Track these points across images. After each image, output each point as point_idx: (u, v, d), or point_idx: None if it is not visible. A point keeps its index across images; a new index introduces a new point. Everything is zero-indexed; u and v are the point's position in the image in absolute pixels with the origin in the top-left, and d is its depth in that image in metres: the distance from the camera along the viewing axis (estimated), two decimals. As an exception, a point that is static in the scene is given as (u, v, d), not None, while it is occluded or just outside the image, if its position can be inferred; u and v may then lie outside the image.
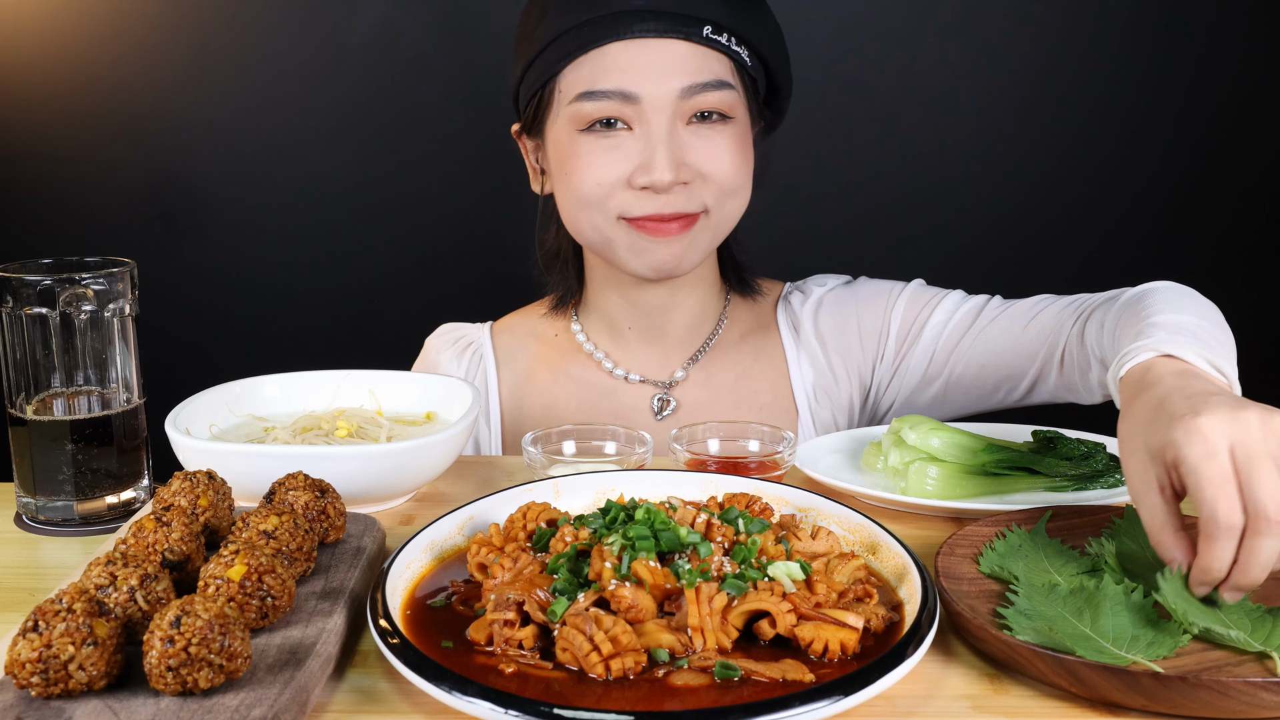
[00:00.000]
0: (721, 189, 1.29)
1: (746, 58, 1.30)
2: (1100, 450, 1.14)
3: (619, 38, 1.25)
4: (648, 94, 1.25)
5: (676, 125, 1.27)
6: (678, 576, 0.81)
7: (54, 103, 2.36)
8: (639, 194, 1.28)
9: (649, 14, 1.25)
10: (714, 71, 1.27)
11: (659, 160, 1.25)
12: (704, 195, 1.29)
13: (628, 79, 1.25)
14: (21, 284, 1.07)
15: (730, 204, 1.32)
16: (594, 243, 1.35)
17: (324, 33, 2.35)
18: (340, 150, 2.41)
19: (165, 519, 0.86)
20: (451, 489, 1.17)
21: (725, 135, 1.29)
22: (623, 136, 1.28)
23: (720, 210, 1.31)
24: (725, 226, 1.34)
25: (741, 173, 1.31)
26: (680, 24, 1.25)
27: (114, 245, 1.39)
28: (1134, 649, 0.79)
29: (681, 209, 1.28)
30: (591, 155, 1.28)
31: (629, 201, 1.28)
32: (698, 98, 1.26)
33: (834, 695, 0.70)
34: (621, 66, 1.26)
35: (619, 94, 1.26)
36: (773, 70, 1.35)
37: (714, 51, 1.27)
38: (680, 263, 1.31)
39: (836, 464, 1.20)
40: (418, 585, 0.88)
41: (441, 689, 0.71)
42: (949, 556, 0.92)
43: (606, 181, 1.28)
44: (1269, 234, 2.39)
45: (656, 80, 1.25)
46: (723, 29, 1.27)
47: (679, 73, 1.25)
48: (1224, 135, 2.35)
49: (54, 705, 0.70)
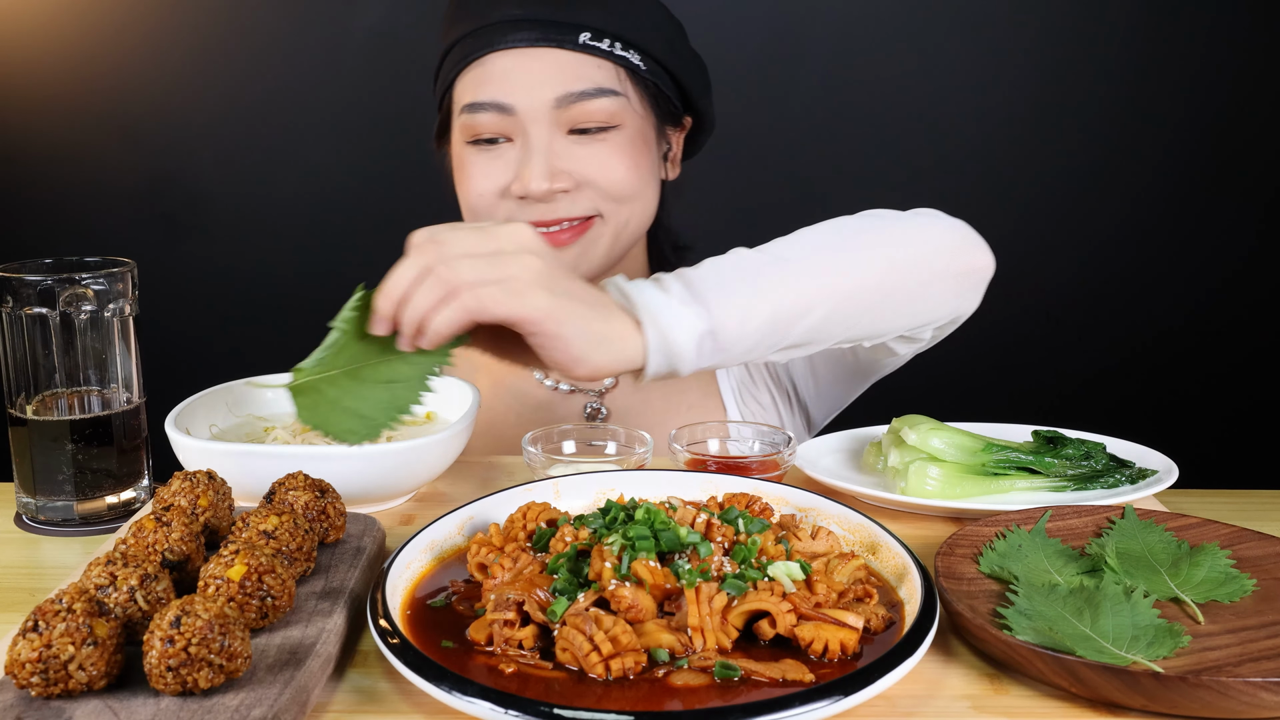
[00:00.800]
0: (610, 194, 1.27)
1: (638, 61, 1.27)
2: (1100, 450, 1.14)
3: (495, 48, 1.24)
4: (522, 104, 1.24)
5: (555, 135, 1.25)
6: (678, 576, 0.81)
7: (54, 103, 2.36)
8: (520, 204, 1.27)
9: (525, 23, 1.23)
10: (593, 79, 1.25)
11: (533, 170, 1.24)
12: (593, 201, 1.27)
13: (503, 90, 1.24)
14: (21, 284, 1.07)
15: (625, 209, 1.29)
16: None
17: (324, 33, 2.35)
18: (340, 150, 2.41)
19: (165, 519, 0.86)
20: (451, 489, 1.17)
21: (609, 143, 1.26)
22: (504, 148, 1.27)
23: (616, 215, 1.29)
24: (625, 232, 1.32)
25: (632, 179, 1.28)
26: (555, 31, 1.23)
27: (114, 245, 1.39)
28: (1134, 649, 0.79)
29: (566, 214, 1.27)
30: (475, 166, 1.28)
31: (513, 211, 1.27)
32: (576, 107, 1.24)
33: (834, 695, 0.70)
34: (498, 77, 1.25)
35: (495, 105, 1.25)
36: (674, 72, 1.31)
37: (595, 58, 1.25)
38: (577, 270, 1.30)
39: (836, 464, 1.20)
40: (418, 585, 0.88)
41: (441, 689, 0.71)
42: (949, 556, 0.92)
43: (488, 193, 1.28)
44: (1269, 233, 2.38)
45: (530, 90, 1.24)
46: (604, 35, 1.24)
47: (553, 82, 1.24)
48: (1224, 135, 2.34)
49: (54, 705, 0.70)
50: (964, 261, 1.13)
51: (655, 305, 0.97)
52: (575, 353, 0.93)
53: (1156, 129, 2.35)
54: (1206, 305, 2.41)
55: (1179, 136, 2.35)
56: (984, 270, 1.15)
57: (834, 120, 2.36)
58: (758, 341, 1.00)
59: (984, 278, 1.16)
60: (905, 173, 2.38)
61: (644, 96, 1.30)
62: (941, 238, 1.13)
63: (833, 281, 1.03)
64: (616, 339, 0.95)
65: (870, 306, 1.06)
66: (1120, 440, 1.19)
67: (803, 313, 1.01)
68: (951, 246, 1.13)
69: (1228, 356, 2.42)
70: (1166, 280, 2.42)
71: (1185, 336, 2.43)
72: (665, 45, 1.30)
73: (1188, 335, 2.41)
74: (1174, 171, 2.37)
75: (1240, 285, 2.40)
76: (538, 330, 0.92)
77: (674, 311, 0.97)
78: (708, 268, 1.01)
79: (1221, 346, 2.42)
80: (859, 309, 1.05)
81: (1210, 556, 0.92)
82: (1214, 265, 2.39)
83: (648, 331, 0.96)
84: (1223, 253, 2.40)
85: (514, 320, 0.92)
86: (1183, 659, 0.79)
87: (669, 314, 0.97)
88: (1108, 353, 2.46)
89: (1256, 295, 2.39)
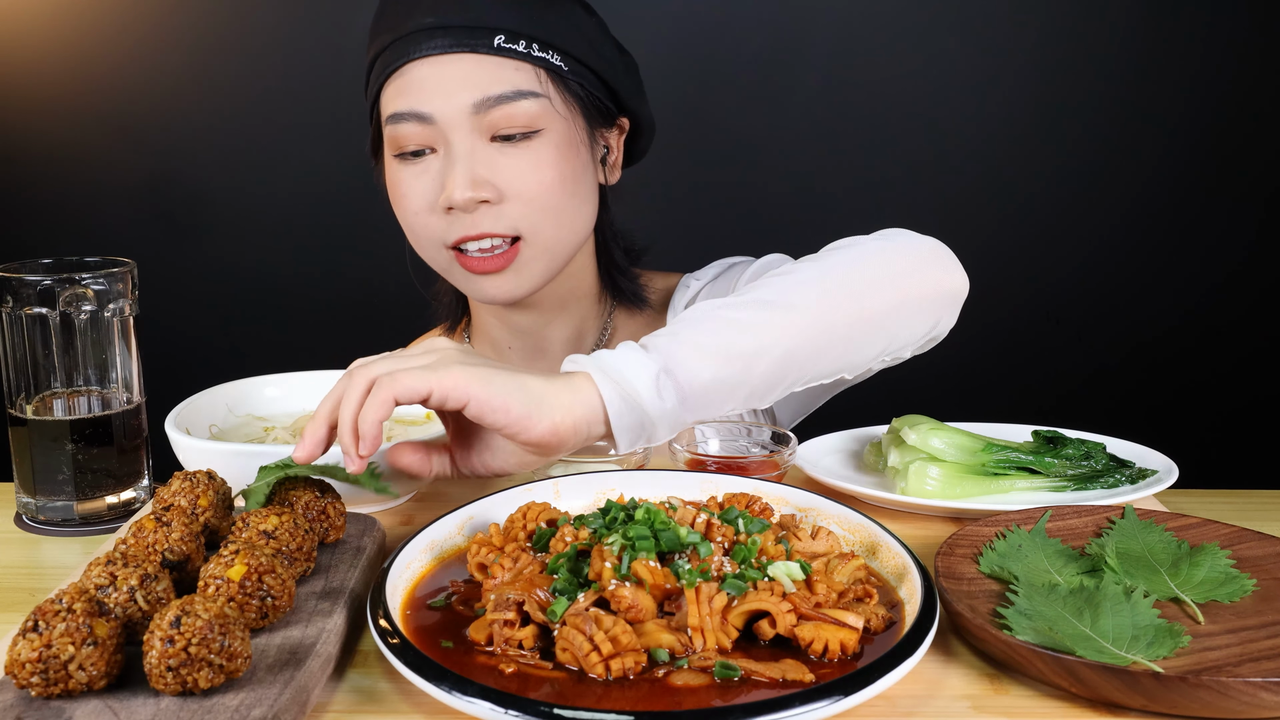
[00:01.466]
0: (533, 209, 1.23)
1: (559, 62, 1.24)
2: (1100, 450, 1.14)
3: (412, 57, 1.22)
4: (439, 112, 1.21)
5: (477, 142, 1.22)
6: (678, 576, 0.81)
7: (54, 103, 2.36)
8: (448, 217, 1.24)
9: (438, 30, 1.21)
10: (511, 82, 1.21)
11: (456, 178, 1.21)
12: (513, 216, 1.23)
13: (420, 99, 1.22)
14: (21, 284, 1.07)
15: (549, 225, 1.25)
16: (440, 273, 1.33)
17: (324, 33, 2.35)
18: (340, 150, 2.41)
19: (165, 519, 0.86)
20: (451, 489, 1.17)
21: (533, 150, 1.23)
22: (429, 160, 1.24)
23: (540, 233, 1.25)
24: (558, 248, 1.28)
25: (557, 189, 1.24)
26: (468, 36, 1.21)
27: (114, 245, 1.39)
28: (1134, 649, 0.79)
29: (491, 229, 1.23)
30: (405, 184, 1.26)
31: (443, 226, 1.25)
32: (496, 111, 1.21)
33: (834, 695, 0.70)
34: (416, 87, 1.22)
35: (414, 115, 1.22)
36: (598, 70, 1.28)
37: (512, 60, 1.22)
38: (513, 293, 1.28)
39: (836, 464, 1.20)
40: (418, 585, 0.88)
41: (441, 689, 0.71)
42: (949, 556, 0.92)
43: (420, 209, 1.25)
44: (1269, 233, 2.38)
45: (446, 97, 1.21)
46: (519, 36, 1.21)
47: (469, 87, 1.21)
48: (1224, 135, 2.35)
49: (54, 705, 0.70)
50: (932, 284, 1.10)
51: (601, 356, 0.96)
52: (518, 411, 0.89)
53: (1156, 129, 2.35)
54: (1206, 305, 2.41)
55: (1179, 136, 2.35)
56: (956, 290, 1.13)
57: (834, 120, 2.37)
58: (719, 382, 0.97)
59: (956, 297, 1.13)
60: (905, 173, 2.39)
61: (568, 98, 1.26)
62: (906, 261, 1.10)
63: (789, 317, 1.01)
64: (565, 392, 0.93)
65: (837, 339, 1.04)
66: (1120, 440, 1.19)
67: (760, 350, 0.99)
68: (917, 269, 1.10)
69: (1228, 356, 2.42)
70: (1166, 280, 2.42)
71: (1185, 336, 2.43)
72: (586, 44, 1.27)
73: (1187, 335, 2.41)
74: (1174, 171, 2.37)
75: (1240, 285, 2.40)
76: (465, 398, 0.89)
77: (622, 357, 0.95)
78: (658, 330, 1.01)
79: (1221, 346, 2.42)
80: (825, 343, 1.03)
81: (1210, 556, 0.92)
82: (1214, 265, 2.39)
83: (596, 377, 0.94)
84: (1222, 252, 2.40)
85: (437, 396, 0.89)
86: (1183, 659, 0.79)
87: (616, 360, 0.95)
88: (1107, 353, 2.46)
89: (1256, 295, 2.39)
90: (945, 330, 1.15)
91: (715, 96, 2.34)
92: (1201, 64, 2.32)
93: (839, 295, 1.04)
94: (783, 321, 1.01)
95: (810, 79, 2.38)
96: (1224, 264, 2.39)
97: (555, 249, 1.28)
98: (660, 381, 0.95)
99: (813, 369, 1.04)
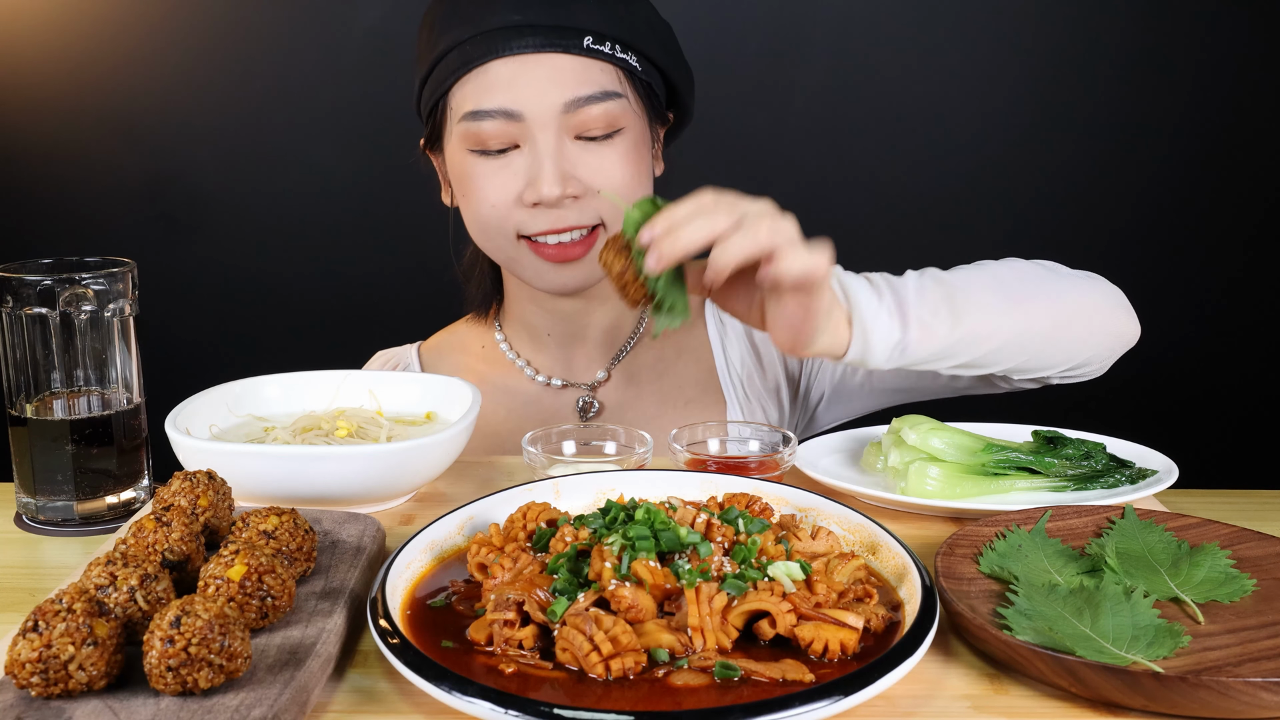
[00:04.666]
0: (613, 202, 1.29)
1: (635, 63, 1.28)
2: (1100, 450, 1.14)
3: (498, 55, 1.24)
4: (530, 110, 1.24)
5: (564, 140, 1.26)
6: (678, 576, 0.81)
7: (54, 103, 2.36)
8: (532, 211, 1.28)
9: (527, 29, 1.23)
10: (598, 83, 1.25)
11: (545, 175, 1.24)
12: (597, 208, 1.29)
13: (510, 96, 1.24)
14: (21, 284, 1.07)
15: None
16: (501, 261, 1.37)
17: (324, 33, 2.35)
18: (340, 150, 2.41)
19: (165, 519, 0.86)
20: (451, 489, 1.17)
21: (615, 148, 1.28)
22: (512, 155, 1.27)
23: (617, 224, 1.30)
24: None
25: (635, 184, 1.29)
26: (559, 37, 1.24)
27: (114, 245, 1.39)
28: (1134, 649, 0.79)
29: (575, 223, 1.28)
30: (484, 177, 1.28)
31: (524, 219, 1.28)
32: (583, 110, 1.25)
33: (834, 695, 0.70)
34: (503, 84, 1.24)
35: (502, 112, 1.25)
36: (665, 70, 1.33)
37: (598, 62, 1.26)
38: (584, 282, 1.33)
39: (836, 464, 1.20)
40: (418, 585, 0.88)
41: (441, 689, 0.71)
42: (949, 556, 0.92)
43: (501, 203, 1.28)
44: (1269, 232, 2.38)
45: (538, 96, 1.24)
46: (605, 38, 1.25)
47: (561, 86, 1.24)
48: (1225, 136, 2.35)
49: (54, 705, 0.70)
50: (1117, 324, 1.22)
51: (867, 312, 1.05)
52: (811, 327, 1.00)
53: (1158, 131, 2.35)
54: (1206, 305, 2.41)
55: (1181, 138, 2.35)
56: (1130, 337, 1.23)
57: (834, 120, 2.37)
58: (936, 356, 1.09)
59: (1127, 343, 1.24)
60: (905, 173, 2.39)
61: (640, 97, 1.31)
62: (1104, 299, 1.21)
63: (1014, 317, 1.12)
64: (833, 329, 1.03)
65: (1036, 345, 1.15)
66: (1120, 440, 1.19)
67: (983, 339, 1.10)
68: (1110, 308, 1.21)
69: (1228, 356, 2.42)
70: (1166, 280, 2.42)
71: (1185, 336, 2.43)
72: (659, 46, 1.32)
73: (1188, 335, 2.41)
74: (1176, 172, 2.37)
75: (1240, 285, 2.40)
76: (811, 287, 0.97)
77: (880, 320, 1.05)
78: (913, 281, 1.10)
79: (1221, 346, 2.42)
80: (1026, 346, 1.14)
81: (1210, 556, 0.92)
82: (1214, 265, 2.39)
83: (855, 330, 1.05)
84: (1223, 252, 2.40)
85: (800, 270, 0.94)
86: (1183, 659, 0.79)
87: (876, 322, 1.05)
88: (1108, 353, 2.46)
89: (1257, 295, 2.39)
90: (1100, 371, 1.25)
91: (717, 96, 2.34)
92: (1210, 66, 2.31)
93: (1054, 309, 1.16)
94: (1010, 320, 1.12)
95: (810, 79, 2.38)
96: (1225, 264, 2.39)
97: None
98: (893, 352, 1.07)
99: (1003, 363, 1.15)
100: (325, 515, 0.99)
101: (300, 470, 1.04)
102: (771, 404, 1.46)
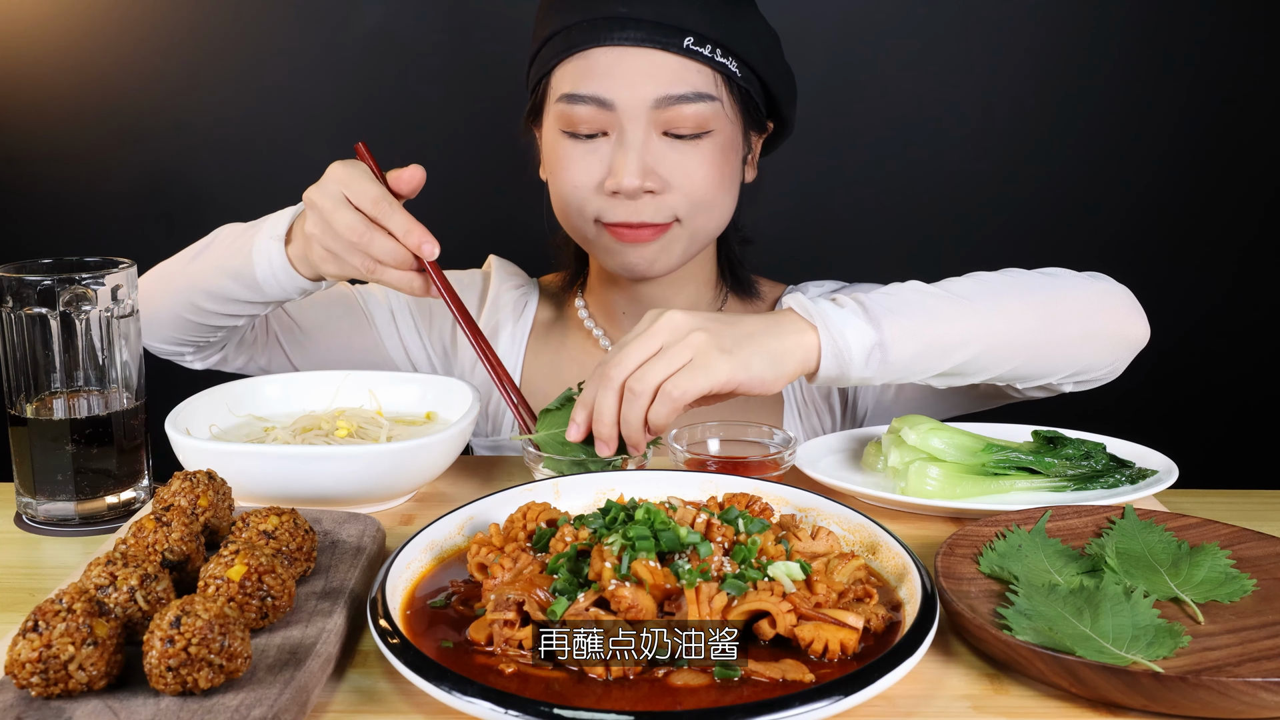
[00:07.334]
0: (692, 202, 1.30)
1: (735, 69, 1.29)
2: (1100, 450, 1.14)
3: (600, 43, 1.26)
4: (622, 101, 1.26)
5: (651, 134, 1.28)
6: (678, 576, 0.81)
7: (54, 103, 2.36)
8: (611, 199, 1.30)
9: (631, 22, 1.25)
10: (692, 84, 1.27)
11: (628, 166, 1.26)
12: (675, 206, 1.30)
13: (605, 85, 1.26)
14: (21, 284, 1.07)
15: (702, 216, 1.33)
16: (579, 240, 1.39)
17: (324, 33, 2.35)
18: (341, 150, 2.40)
19: (165, 519, 0.86)
20: (451, 489, 1.17)
21: (700, 149, 1.29)
22: (600, 142, 1.30)
23: (692, 221, 1.32)
24: (701, 235, 1.35)
25: (716, 187, 1.31)
26: (660, 34, 1.25)
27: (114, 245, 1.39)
28: (1134, 649, 0.79)
29: (650, 219, 1.29)
30: (571, 159, 1.31)
31: (603, 206, 1.30)
32: (673, 109, 1.26)
33: (834, 695, 0.70)
34: (600, 72, 1.27)
35: (595, 99, 1.27)
36: (766, 80, 1.34)
37: (695, 63, 1.27)
38: (652, 267, 1.34)
39: (836, 464, 1.20)
40: (418, 585, 0.88)
41: (441, 689, 0.71)
42: (949, 556, 0.92)
43: (583, 186, 1.31)
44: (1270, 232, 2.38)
45: (631, 88, 1.26)
46: (706, 40, 1.27)
47: (654, 83, 1.26)
48: (1225, 136, 2.35)
49: (54, 705, 0.70)
50: (1122, 325, 1.20)
51: (831, 316, 1.07)
52: (765, 379, 1.04)
53: (1158, 129, 2.34)
54: (1206, 305, 2.41)
55: (1181, 137, 2.35)
56: (1138, 338, 1.22)
57: (833, 119, 2.36)
58: (917, 360, 1.09)
59: (1136, 346, 1.22)
60: (905, 173, 2.39)
61: (735, 103, 1.32)
62: (1105, 299, 1.20)
63: (995, 321, 1.12)
64: (793, 349, 1.06)
65: (1026, 350, 1.14)
66: (1120, 440, 1.19)
67: (962, 344, 1.10)
68: (1112, 309, 1.20)
69: (1227, 356, 2.42)
70: (1166, 280, 2.42)
71: (1186, 337, 2.43)
72: (761, 54, 1.33)
73: (1188, 335, 2.41)
74: (1176, 172, 2.37)
75: (1241, 285, 2.40)
76: (734, 387, 1.04)
77: (848, 322, 1.07)
78: (879, 294, 1.11)
79: (1221, 346, 2.42)
80: (1015, 350, 1.13)
81: (1210, 556, 0.92)
82: (1214, 265, 2.39)
83: (822, 335, 1.07)
84: (1223, 252, 2.40)
85: (711, 390, 1.03)
86: (1183, 659, 0.79)
87: (843, 323, 1.07)
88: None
89: (1257, 295, 2.39)
90: (1114, 375, 1.24)
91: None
92: (1211, 64, 2.31)
93: (1042, 311, 1.15)
94: (991, 324, 1.12)
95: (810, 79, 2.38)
96: (1224, 264, 2.39)
97: (700, 237, 1.36)
98: (872, 355, 1.07)
99: (996, 370, 1.14)
100: (325, 515, 0.99)
101: (300, 470, 1.04)
102: (825, 412, 1.47)
